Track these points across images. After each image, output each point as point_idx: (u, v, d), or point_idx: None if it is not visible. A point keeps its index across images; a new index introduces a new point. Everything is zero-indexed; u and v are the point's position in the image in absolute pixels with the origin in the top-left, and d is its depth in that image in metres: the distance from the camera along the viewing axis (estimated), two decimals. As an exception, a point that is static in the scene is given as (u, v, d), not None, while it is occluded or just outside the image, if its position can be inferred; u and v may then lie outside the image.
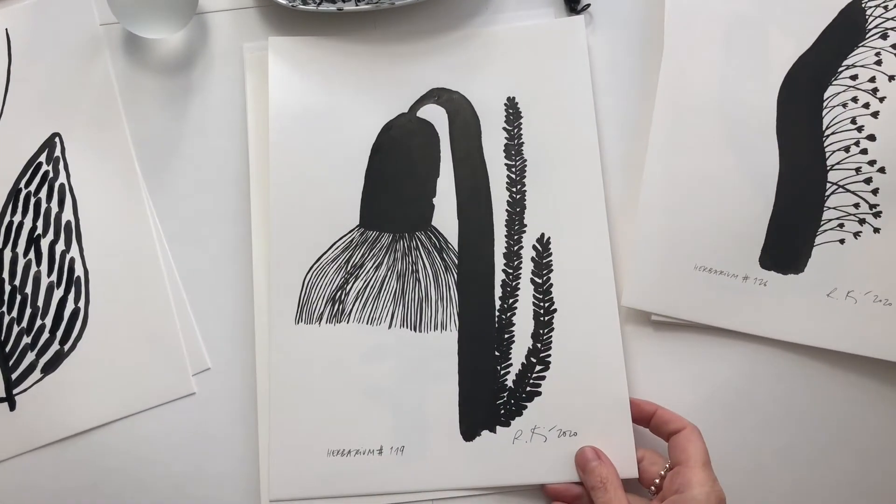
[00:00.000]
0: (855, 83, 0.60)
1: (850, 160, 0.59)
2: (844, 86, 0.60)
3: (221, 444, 0.59)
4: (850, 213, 0.58)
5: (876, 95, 0.59)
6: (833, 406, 0.58)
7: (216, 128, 0.63)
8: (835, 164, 0.59)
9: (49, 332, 0.60)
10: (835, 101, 0.60)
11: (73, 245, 0.61)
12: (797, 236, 0.59)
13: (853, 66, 0.60)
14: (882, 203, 0.58)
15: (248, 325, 0.60)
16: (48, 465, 0.59)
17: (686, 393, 0.58)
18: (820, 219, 0.59)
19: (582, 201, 0.60)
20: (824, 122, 0.60)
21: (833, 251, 0.58)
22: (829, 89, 0.60)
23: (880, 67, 0.60)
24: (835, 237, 0.58)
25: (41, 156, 0.63)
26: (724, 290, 0.58)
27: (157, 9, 0.60)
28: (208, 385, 0.60)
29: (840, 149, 0.59)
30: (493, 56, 0.63)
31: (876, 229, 0.58)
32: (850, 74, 0.60)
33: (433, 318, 0.59)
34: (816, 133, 0.60)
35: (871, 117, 0.59)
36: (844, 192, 0.59)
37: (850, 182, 0.59)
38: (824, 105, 0.60)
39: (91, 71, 0.64)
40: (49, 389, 0.59)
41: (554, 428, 0.56)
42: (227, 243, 0.61)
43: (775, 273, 0.58)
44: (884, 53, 0.60)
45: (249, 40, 0.64)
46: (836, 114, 0.60)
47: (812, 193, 0.59)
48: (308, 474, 0.56)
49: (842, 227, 0.58)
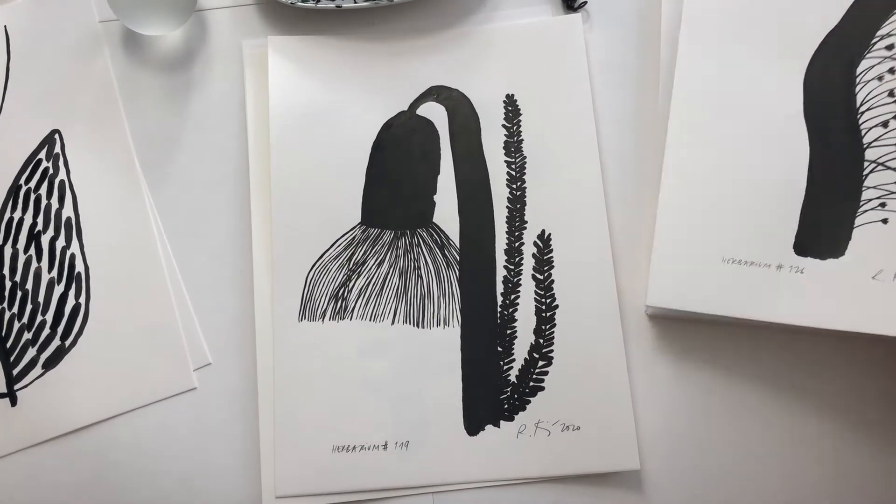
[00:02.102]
0: (892, 53, 0.57)
1: (889, 136, 0.56)
2: (880, 57, 0.57)
3: (222, 439, 0.59)
4: (893, 191, 0.55)
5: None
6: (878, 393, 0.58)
7: (216, 124, 0.63)
8: (872, 142, 0.56)
9: (50, 328, 0.60)
10: (869, 75, 0.57)
11: (74, 241, 0.61)
12: (834, 219, 0.56)
13: (889, 34, 0.57)
14: None
15: (248, 321, 0.60)
16: (49, 461, 0.59)
17: (685, 387, 0.59)
18: (859, 199, 0.56)
19: (582, 197, 0.60)
20: (858, 99, 0.57)
21: (876, 232, 0.55)
22: (861, 63, 0.57)
23: None
24: (877, 217, 0.55)
25: (41, 152, 0.63)
26: (757, 281, 0.55)
27: (156, 6, 0.60)
28: (209, 380, 0.60)
29: (878, 124, 0.56)
30: (492, 54, 0.63)
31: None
32: (886, 45, 0.57)
33: (435, 314, 0.59)
34: (850, 110, 0.57)
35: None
36: (885, 170, 0.56)
37: (890, 158, 0.56)
38: (857, 80, 0.57)
39: (90, 68, 0.64)
40: (50, 385, 0.59)
41: (557, 422, 0.57)
42: (228, 239, 0.62)
43: (813, 259, 0.55)
44: None
45: (248, 37, 0.65)
46: (871, 88, 0.57)
47: (849, 173, 0.56)
48: (313, 470, 0.57)
49: (884, 207, 0.55)
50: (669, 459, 0.57)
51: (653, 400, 0.58)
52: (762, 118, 0.58)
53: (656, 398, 0.58)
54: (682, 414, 0.58)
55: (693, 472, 0.57)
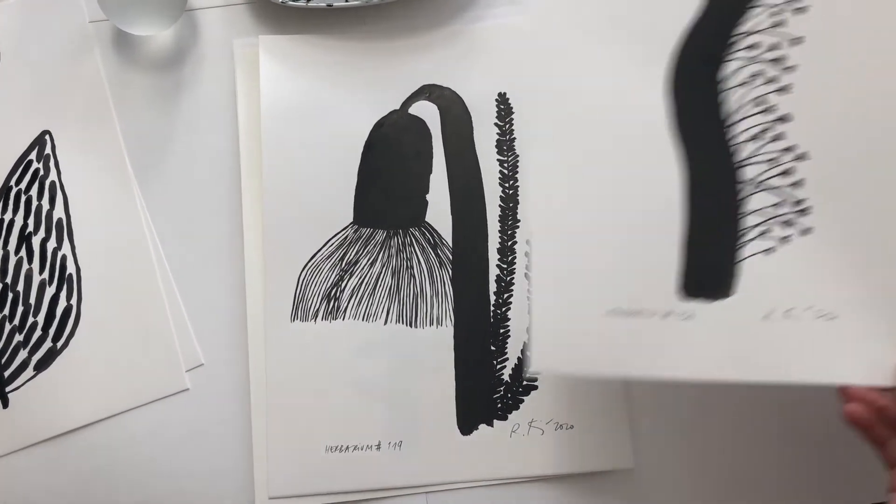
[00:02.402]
0: (754, 54, 0.49)
1: (763, 151, 0.49)
2: (742, 60, 0.49)
3: (215, 440, 0.59)
4: (774, 215, 0.49)
5: (783, 66, 0.49)
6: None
7: (207, 124, 0.63)
8: (746, 159, 0.49)
9: (41, 330, 0.60)
10: (733, 81, 0.49)
11: (65, 242, 0.61)
12: (718, 253, 0.49)
13: (749, 33, 0.49)
14: (810, 196, 0.48)
15: (241, 321, 0.60)
16: (41, 463, 0.59)
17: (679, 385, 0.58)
18: (740, 228, 0.49)
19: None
20: (725, 109, 0.49)
21: (762, 265, 0.49)
22: (722, 67, 0.49)
23: (783, 29, 0.49)
24: (761, 247, 0.49)
25: (31, 153, 0.62)
26: (644, 333, 0.49)
27: (146, 6, 0.60)
28: (202, 381, 0.60)
29: (749, 139, 0.49)
30: (484, 52, 0.63)
31: (806, 230, 0.48)
32: (747, 44, 0.49)
33: (428, 313, 0.59)
34: (717, 124, 0.50)
35: (781, 93, 0.49)
36: (763, 192, 0.49)
37: (768, 177, 0.49)
38: (720, 88, 0.49)
39: (81, 68, 0.64)
40: (42, 387, 0.59)
41: (551, 421, 0.57)
42: (220, 239, 0.61)
43: (702, 302, 0.49)
44: (785, 11, 0.49)
45: (239, 37, 0.64)
46: (738, 96, 0.49)
47: (725, 199, 0.49)
48: (307, 470, 0.57)
49: (767, 234, 0.49)
50: (663, 458, 0.57)
51: (647, 399, 0.58)
52: (627, 140, 0.50)
53: (650, 397, 0.58)
54: (676, 412, 0.58)
55: (687, 470, 0.57)
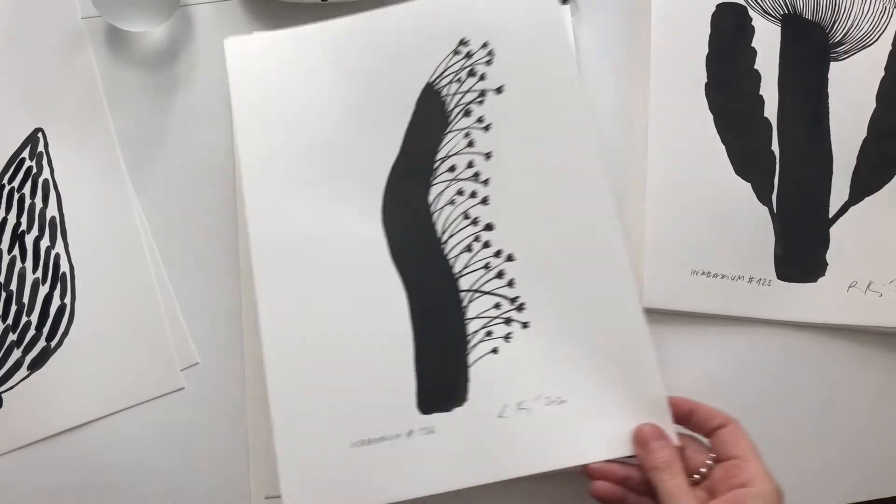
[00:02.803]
0: (455, 175, 0.55)
1: (476, 259, 0.54)
2: (446, 181, 0.55)
3: (211, 439, 0.59)
4: (494, 316, 0.53)
5: (480, 180, 0.55)
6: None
7: (201, 121, 0.63)
8: (462, 270, 0.54)
9: (35, 329, 0.60)
10: (441, 202, 0.55)
11: (59, 241, 0.61)
12: (448, 364, 0.53)
13: (448, 156, 0.55)
14: (522, 293, 0.53)
15: (236, 320, 0.60)
16: (36, 463, 0.59)
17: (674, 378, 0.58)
18: (466, 334, 0.53)
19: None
20: (439, 228, 0.55)
21: (490, 365, 0.53)
22: (431, 191, 0.55)
23: (474, 148, 0.55)
24: (487, 349, 0.53)
25: (24, 151, 0.62)
26: (391, 457, 0.51)
27: (139, 2, 0.60)
28: (197, 380, 0.59)
29: (463, 251, 0.54)
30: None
31: (524, 324, 0.53)
32: (448, 167, 0.55)
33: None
34: (432, 243, 0.55)
35: (483, 205, 0.55)
36: (482, 296, 0.54)
37: (484, 283, 0.54)
38: (432, 209, 0.55)
39: (74, 65, 0.63)
40: (36, 387, 0.59)
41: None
42: (214, 237, 0.61)
43: (439, 414, 0.52)
44: (473, 132, 0.55)
45: (233, 33, 0.63)
46: (446, 215, 0.55)
47: (450, 310, 0.54)
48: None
49: (491, 336, 0.53)
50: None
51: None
52: (354, 277, 0.54)
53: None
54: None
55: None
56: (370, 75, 0.57)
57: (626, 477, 0.50)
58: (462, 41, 0.57)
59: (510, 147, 0.55)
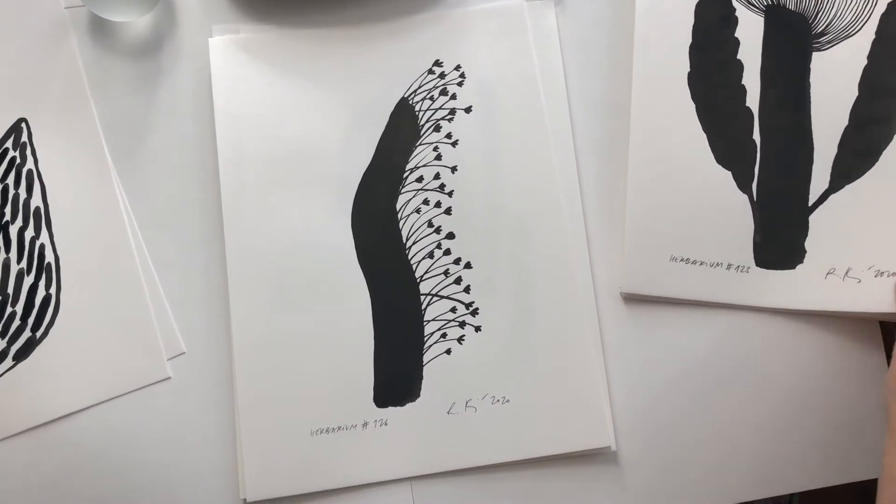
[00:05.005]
0: (423, 185, 0.60)
1: (437, 265, 0.59)
2: (413, 191, 0.60)
3: (198, 429, 0.59)
4: (450, 319, 0.58)
5: (445, 191, 0.60)
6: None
7: (185, 111, 0.63)
8: (424, 274, 0.59)
9: (20, 320, 0.60)
10: (408, 210, 0.59)
11: (43, 231, 0.61)
12: (404, 362, 0.58)
13: (416, 167, 0.60)
14: (476, 299, 0.58)
15: (223, 309, 0.60)
16: (21, 454, 0.58)
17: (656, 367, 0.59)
18: (423, 335, 0.58)
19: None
20: (404, 234, 0.59)
21: (442, 365, 0.58)
22: (399, 199, 0.59)
23: (442, 161, 0.60)
24: (441, 349, 0.58)
25: (7, 141, 0.62)
26: (346, 445, 0.57)
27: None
28: (184, 369, 0.59)
29: (425, 256, 0.59)
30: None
31: (477, 328, 0.58)
32: (416, 177, 0.60)
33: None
34: (396, 248, 0.59)
35: (446, 215, 0.59)
36: (439, 300, 0.58)
37: (442, 287, 0.58)
38: (399, 216, 0.59)
39: (57, 55, 0.63)
40: (21, 377, 0.59)
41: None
42: (200, 227, 0.61)
43: (393, 408, 0.57)
44: (441, 146, 0.60)
45: (217, 23, 0.64)
46: (412, 222, 0.59)
47: (409, 311, 0.58)
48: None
49: (445, 337, 0.58)
50: (643, 439, 0.58)
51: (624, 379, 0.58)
52: (318, 271, 0.59)
53: (628, 378, 0.58)
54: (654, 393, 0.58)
55: (666, 451, 0.58)
56: (349, 85, 0.61)
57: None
58: (437, 62, 0.62)
59: (475, 163, 0.60)
